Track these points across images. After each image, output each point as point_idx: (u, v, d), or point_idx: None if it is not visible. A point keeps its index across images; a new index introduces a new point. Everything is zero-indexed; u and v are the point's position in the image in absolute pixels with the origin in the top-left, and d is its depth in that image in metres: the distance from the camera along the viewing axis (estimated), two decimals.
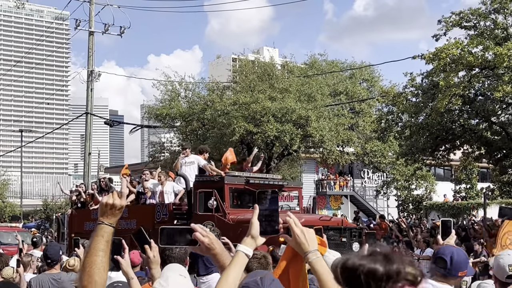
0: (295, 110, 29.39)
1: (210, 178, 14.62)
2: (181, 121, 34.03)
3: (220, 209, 13.97)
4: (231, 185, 14.52)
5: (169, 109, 33.41)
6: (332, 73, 35.76)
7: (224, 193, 14.23)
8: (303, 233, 2.75)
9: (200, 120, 32.81)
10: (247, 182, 14.55)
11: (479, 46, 21.25)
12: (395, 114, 26.26)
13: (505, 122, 24.50)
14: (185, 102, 34.38)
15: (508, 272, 4.13)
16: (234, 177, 14.76)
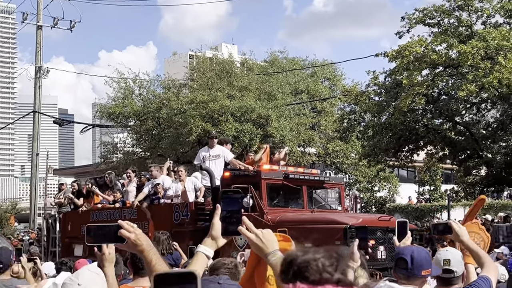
0: (254, 109, 29.39)
1: (244, 172, 13.51)
2: (135, 120, 33.71)
3: (257, 208, 12.90)
4: (269, 180, 13.37)
5: (122, 108, 33.06)
6: (293, 71, 35.90)
7: (261, 189, 13.12)
8: (259, 237, 2.75)
9: (155, 119, 32.57)
10: (286, 177, 13.46)
11: (443, 44, 21.63)
12: (357, 114, 26.53)
13: (469, 122, 24.99)
14: (139, 100, 34.06)
15: (442, 266, 4.28)
16: (271, 171, 13.55)
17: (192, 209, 13.77)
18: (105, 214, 15.70)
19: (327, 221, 12.37)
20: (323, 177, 14.67)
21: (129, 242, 2.80)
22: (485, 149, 23.92)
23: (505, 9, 22.20)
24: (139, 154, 34.70)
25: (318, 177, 14.27)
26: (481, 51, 20.03)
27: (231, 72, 32.42)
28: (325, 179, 14.39)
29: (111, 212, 15.61)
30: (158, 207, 14.47)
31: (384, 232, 11.80)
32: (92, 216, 15.98)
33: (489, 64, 19.54)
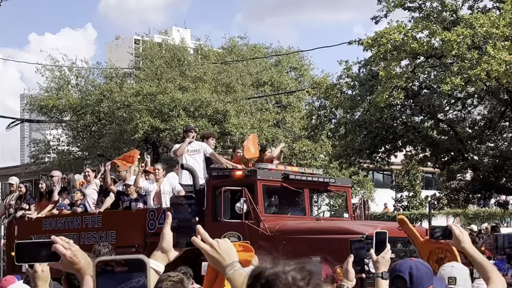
0: (210, 103, 29.37)
1: (232, 172, 13.01)
2: (71, 114, 33.41)
3: (252, 214, 12.45)
4: (265, 181, 12.87)
5: (56, 100, 32.71)
6: (254, 59, 35.90)
7: (255, 192, 12.59)
8: (215, 248, 2.73)
9: (95, 114, 32.32)
10: (286, 178, 13.03)
11: (424, 30, 21.83)
12: (328, 109, 26.65)
13: (453, 120, 25.31)
14: (77, 92, 33.75)
15: (448, 284, 4.24)
16: (268, 170, 13.06)
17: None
18: (62, 222, 15.14)
19: (338, 230, 11.99)
20: (328, 178, 14.47)
21: (64, 260, 2.78)
22: (471, 151, 24.25)
23: None
24: (75, 153, 34.37)
25: (322, 178, 13.99)
26: (468, 40, 20.28)
27: (184, 60, 32.34)
28: (330, 182, 14.09)
29: (69, 220, 15.05)
30: (128, 214, 13.92)
31: (405, 243, 11.44)
32: (45, 224, 15.41)
33: (477, 55, 19.80)
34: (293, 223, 12.90)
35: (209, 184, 13.05)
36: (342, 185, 14.56)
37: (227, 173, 13.03)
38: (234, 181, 12.67)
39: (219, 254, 2.74)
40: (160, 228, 13.35)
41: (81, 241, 14.18)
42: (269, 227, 12.31)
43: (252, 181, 12.65)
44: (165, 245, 2.74)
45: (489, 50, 19.39)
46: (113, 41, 76.31)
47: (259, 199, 12.60)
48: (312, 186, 13.71)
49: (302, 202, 13.68)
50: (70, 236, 14.57)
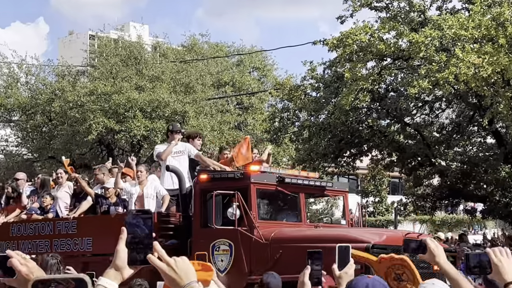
0: (168, 104, 29.25)
1: (226, 175, 12.62)
2: (20, 114, 33.01)
3: (246, 221, 12.05)
4: (259, 185, 12.47)
5: (4, 99, 32.31)
6: (215, 58, 35.88)
7: (249, 197, 12.17)
8: (172, 266, 2.70)
9: (46, 114, 31.98)
10: (281, 182, 12.62)
11: (391, 31, 22.00)
12: (291, 111, 26.73)
13: (420, 124, 25.55)
14: (26, 90, 33.36)
15: None
16: (262, 173, 12.65)
17: (154, 221, 13.04)
18: (31, 228, 14.48)
19: (341, 239, 11.32)
20: (325, 182, 14.16)
21: (20, 276, 2.71)
22: (438, 156, 24.49)
23: None
24: (25, 155, 33.99)
25: (319, 182, 13.73)
26: (436, 41, 20.50)
27: (141, 58, 32.15)
28: (327, 186, 13.79)
29: (40, 225, 14.42)
30: (106, 218, 13.39)
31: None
32: (12, 230, 14.77)
33: (445, 57, 20.01)
34: (290, 230, 12.57)
35: (197, 188, 12.63)
36: (339, 189, 14.25)
37: (218, 175, 12.61)
38: (225, 184, 12.25)
39: (176, 273, 2.69)
40: None
41: (53, 249, 13.65)
42: (264, 235, 11.93)
43: (246, 185, 12.22)
44: (119, 263, 2.67)
45: (457, 52, 19.61)
46: (66, 37, 75.57)
47: (253, 204, 12.19)
48: (308, 191, 13.39)
49: (297, 207, 13.33)
50: (41, 243, 14.10)
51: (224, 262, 12.04)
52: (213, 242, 12.28)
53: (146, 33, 47.54)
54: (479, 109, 22.54)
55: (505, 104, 20.08)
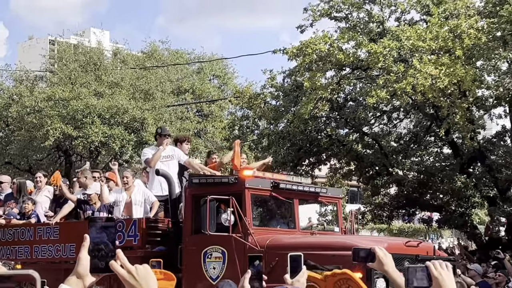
0: (127, 110, 29.13)
1: (220, 180, 12.25)
2: None
3: (240, 227, 11.69)
4: (254, 190, 12.12)
5: None
6: (176, 66, 35.77)
7: (243, 202, 11.79)
8: (133, 274, 2.67)
9: (3, 119, 31.70)
10: (276, 187, 12.31)
11: (350, 41, 22.15)
12: (250, 120, 26.75)
13: (378, 134, 25.73)
14: None
15: None
16: (256, 178, 12.29)
17: (142, 227, 12.36)
18: (10, 233, 13.95)
19: (341, 246, 11.16)
20: (320, 188, 13.77)
21: None
22: (395, 165, 24.69)
23: (421, 4, 23.04)
24: None
25: (313, 188, 13.43)
26: (394, 52, 20.68)
27: (100, 64, 31.96)
28: (321, 192, 13.41)
29: (19, 230, 13.87)
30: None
31: (412, 261, 10.82)
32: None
33: (403, 68, 20.19)
34: (286, 237, 12.17)
35: (188, 193, 12.25)
36: (333, 195, 13.83)
37: (211, 180, 12.20)
38: (218, 190, 11.79)
39: (137, 281, 2.66)
40: (129, 241, 12.16)
41: (34, 255, 13.47)
42: (259, 242, 11.53)
43: (240, 190, 11.83)
44: (81, 270, 2.63)
45: (415, 63, 19.80)
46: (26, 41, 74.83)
47: (247, 210, 11.82)
48: (302, 197, 13.04)
49: (291, 213, 13.01)
50: (20, 249, 13.63)
51: (217, 270, 11.74)
52: (205, 249, 11.96)
53: (107, 39, 47.30)
54: (436, 120, 22.76)
55: (461, 115, 20.32)
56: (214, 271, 11.68)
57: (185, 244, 12.16)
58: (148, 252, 12.24)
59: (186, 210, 12.29)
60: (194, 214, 12.10)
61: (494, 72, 20.98)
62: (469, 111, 21.63)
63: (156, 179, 13.14)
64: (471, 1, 22.40)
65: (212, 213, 11.51)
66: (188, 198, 12.27)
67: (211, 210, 11.48)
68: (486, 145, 23.06)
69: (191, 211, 12.18)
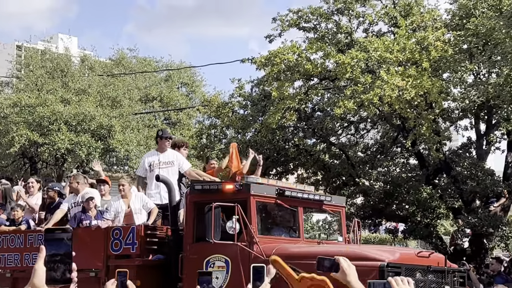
0: (94, 117, 28.99)
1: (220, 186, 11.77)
2: None
3: (245, 235, 11.27)
4: (259, 197, 11.73)
5: None
6: (144, 73, 35.64)
7: (248, 210, 11.40)
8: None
9: None
10: (281, 195, 11.93)
11: (319, 52, 22.23)
12: (218, 128, 26.68)
13: (345, 144, 25.83)
14: None
15: None
16: (260, 185, 11.86)
17: (140, 235, 11.90)
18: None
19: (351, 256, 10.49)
20: (324, 196, 13.40)
21: None
22: (362, 176, 24.77)
23: (389, 16, 23.22)
24: None
25: (318, 196, 13.07)
26: (361, 63, 20.78)
27: (67, 70, 31.75)
28: (326, 200, 13.01)
29: (9, 237, 13.29)
30: (86, 232, 12.29)
31: (424, 272, 10.69)
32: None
33: (370, 79, 20.29)
34: (292, 246, 11.74)
35: (190, 200, 11.81)
36: (336, 204, 13.35)
37: (214, 187, 11.75)
38: (222, 197, 11.35)
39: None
40: (127, 249, 11.76)
41: (24, 263, 12.93)
42: (265, 251, 11.03)
43: (245, 197, 11.43)
44: (37, 282, 2.62)
45: (382, 75, 19.90)
46: None
47: (253, 218, 11.41)
48: (306, 205, 12.62)
49: (295, 222, 12.57)
50: (10, 256, 13.04)
51: (220, 280, 11.30)
52: (207, 258, 11.53)
53: (74, 45, 46.98)
54: (403, 131, 22.89)
55: (428, 126, 20.46)
56: (217, 281, 11.23)
57: (186, 253, 11.75)
58: (146, 261, 11.95)
59: (187, 217, 11.88)
60: (196, 222, 11.72)
61: (460, 85, 21.16)
62: (435, 122, 21.79)
63: (154, 186, 12.73)
64: (438, 14, 22.64)
65: (217, 221, 11.09)
66: (189, 205, 11.86)
67: (216, 217, 11.06)
68: (452, 156, 23.23)
69: (193, 218, 11.78)
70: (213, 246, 11.25)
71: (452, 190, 22.74)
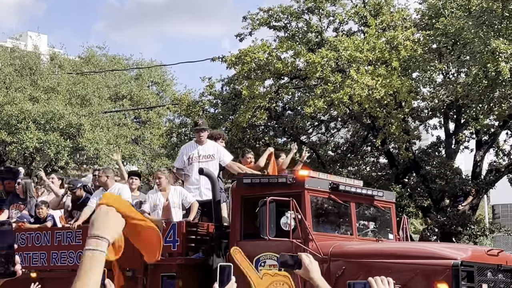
0: (63, 116, 28.76)
1: (276, 180, 11.15)
2: None
3: (300, 232, 10.54)
4: (313, 192, 11.04)
5: None
6: (113, 71, 35.43)
7: (303, 204, 10.67)
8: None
9: None
10: (334, 189, 11.24)
11: (289, 51, 22.26)
12: (189, 127, 26.59)
13: (316, 143, 25.87)
14: None
15: None
16: (314, 179, 11.20)
17: (182, 231, 11.15)
18: (23, 238, 12.45)
19: (421, 254, 10.25)
20: (376, 191, 12.56)
21: None
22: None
23: (359, 15, 23.30)
24: None
25: (370, 191, 12.28)
26: (332, 62, 20.83)
27: (36, 68, 31.47)
28: (378, 195, 12.24)
29: (34, 235, 12.46)
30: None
31: (494, 272, 10.19)
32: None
33: (340, 78, 20.35)
34: (351, 244, 11.09)
35: (237, 194, 11.15)
36: (387, 199, 12.60)
37: (265, 180, 11.13)
38: (273, 191, 10.69)
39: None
40: (167, 248, 10.87)
41: (52, 262, 12.21)
42: (322, 249, 10.41)
43: (299, 191, 10.73)
44: None
45: (352, 74, 19.97)
46: None
47: (307, 213, 10.69)
48: (358, 200, 11.91)
49: (348, 218, 11.87)
50: (35, 255, 12.23)
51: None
52: (257, 256, 10.70)
53: (44, 43, 46.58)
54: (373, 130, 22.98)
55: (397, 125, 20.57)
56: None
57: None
58: (188, 260, 11.25)
59: (234, 213, 11.21)
60: (243, 218, 11.07)
61: (430, 84, 21.30)
62: (405, 121, 21.91)
63: (194, 180, 12.01)
64: (407, 14, 22.77)
65: (272, 216, 10.38)
66: (236, 200, 11.19)
67: (270, 212, 10.36)
68: (421, 155, 23.37)
69: (240, 214, 11.10)
70: (264, 244, 10.60)
71: (421, 189, 22.88)
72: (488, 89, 19.57)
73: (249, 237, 10.92)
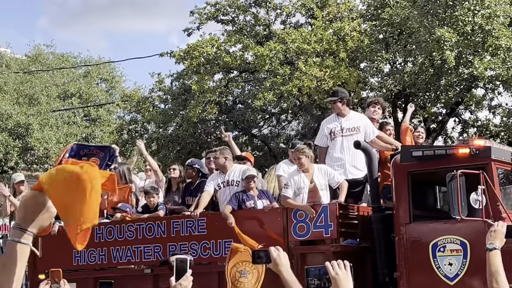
0: (11, 116, 28.49)
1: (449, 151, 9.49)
2: None
3: (491, 209, 8.99)
4: (499, 164, 9.47)
5: None
6: (61, 69, 35.12)
7: (490, 178, 9.08)
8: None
9: None
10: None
11: (237, 44, 22.36)
12: (139, 124, 26.54)
13: (267, 136, 26.04)
14: None
15: None
16: (499, 149, 9.73)
17: (336, 215, 9.66)
18: (131, 230, 10.97)
19: None
20: None
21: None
22: None
23: (306, 7, 23.47)
24: None
25: None
26: (280, 55, 20.99)
27: None
28: None
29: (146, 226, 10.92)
30: (253, 215, 10.32)
31: None
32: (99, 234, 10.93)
33: (289, 70, 20.52)
34: None
35: (402, 170, 9.64)
36: None
37: (441, 152, 9.63)
38: (449, 164, 9.24)
39: None
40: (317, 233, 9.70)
41: (169, 255, 10.18)
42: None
43: (485, 163, 9.24)
44: None
45: (300, 66, 20.15)
46: None
47: (496, 188, 9.19)
48: None
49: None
50: (147, 249, 10.77)
51: (454, 268, 9.21)
52: (434, 240, 9.37)
53: None
54: None
55: None
56: (451, 268, 9.19)
57: (401, 235, 9.54)
58: (343, 247, 9.83)
59: (399, 192, 9.69)
60: (412, 197, 9.64)
61: (377, 74, 21.58)
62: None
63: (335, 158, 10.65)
64: (353, 5, 23.01)
65: (463, 192, 8.93)
66: (401, 177, 9.68)
67: (461, 188, 8.89)
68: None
69: (407, 193, 9.63)
70: (443, 226, 9.49)
71: None
72: (434, 77, 19.93)
73: (420, 218, 9.70)
